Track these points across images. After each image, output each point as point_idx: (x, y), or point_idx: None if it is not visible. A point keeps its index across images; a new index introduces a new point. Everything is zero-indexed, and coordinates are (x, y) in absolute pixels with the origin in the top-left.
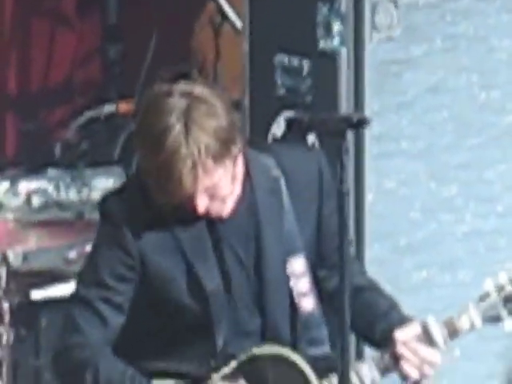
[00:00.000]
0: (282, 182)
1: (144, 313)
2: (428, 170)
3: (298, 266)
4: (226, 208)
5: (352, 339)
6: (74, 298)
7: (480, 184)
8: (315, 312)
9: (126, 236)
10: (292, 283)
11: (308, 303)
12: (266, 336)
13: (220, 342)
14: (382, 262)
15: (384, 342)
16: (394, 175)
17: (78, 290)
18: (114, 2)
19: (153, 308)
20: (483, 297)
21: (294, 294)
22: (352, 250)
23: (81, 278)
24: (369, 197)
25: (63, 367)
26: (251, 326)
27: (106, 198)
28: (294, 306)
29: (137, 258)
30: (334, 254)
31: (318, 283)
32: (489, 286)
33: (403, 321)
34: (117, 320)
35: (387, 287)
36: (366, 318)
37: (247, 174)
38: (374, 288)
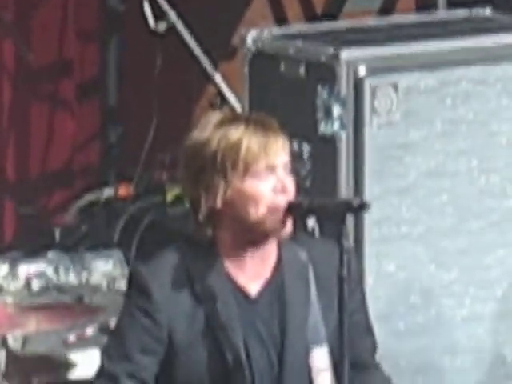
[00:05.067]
0: (311, 269)
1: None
2: (428, 254)
3: (320, 357)
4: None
5: None
6: (99, 372)
7: (479, 269)
8: None
9: (155, 303)
10: (313, 376)
11: None
12: None
13: None
14: (381, 346)
15: None
16: (394, 259)
17: (103, 363)
18: (113, 85)
19: (174, 378)
20: None
21: None
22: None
23: (107, 351)
24: (369, 280)
25: None
26: None
27: (137, 266)
28: None
29: (165, 326)
30: (359, 352)
31: (339, 379)
32: None
33: None
34: None
35: (386, 371)
36: None
37: (278, 257)
38: None
